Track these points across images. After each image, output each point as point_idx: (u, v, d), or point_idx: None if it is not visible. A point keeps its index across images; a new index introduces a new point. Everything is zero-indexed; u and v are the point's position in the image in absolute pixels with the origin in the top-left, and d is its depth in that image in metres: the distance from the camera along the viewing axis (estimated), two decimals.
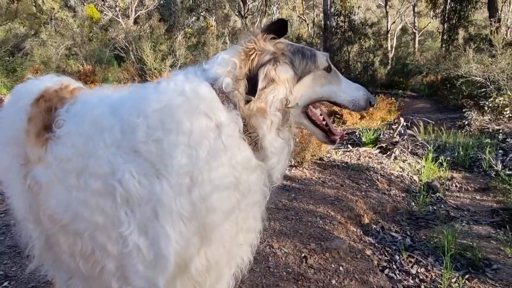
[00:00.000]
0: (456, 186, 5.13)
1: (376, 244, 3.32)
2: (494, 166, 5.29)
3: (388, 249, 3.26)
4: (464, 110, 9.37)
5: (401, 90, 18.70)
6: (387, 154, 5.81)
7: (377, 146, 6.01)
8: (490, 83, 9.52)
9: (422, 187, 4.85)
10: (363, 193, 4.31)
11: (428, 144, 6.26)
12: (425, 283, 2.78)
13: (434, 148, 6.09)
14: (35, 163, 1.37)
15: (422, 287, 2.75)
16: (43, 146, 1.34)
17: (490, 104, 9.02)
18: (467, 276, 2.84)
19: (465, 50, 10.84)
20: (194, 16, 22.71)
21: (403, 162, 5.68)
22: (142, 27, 16.20)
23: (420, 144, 6.52)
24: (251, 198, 1.29)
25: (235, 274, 1.41)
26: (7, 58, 12.89)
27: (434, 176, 5.33)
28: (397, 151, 5.81)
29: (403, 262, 3.05)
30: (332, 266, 2.64)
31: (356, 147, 6.06)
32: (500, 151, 6.10)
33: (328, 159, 5.34)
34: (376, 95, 12.24)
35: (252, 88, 1.24)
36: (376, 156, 5.77)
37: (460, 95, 11.42)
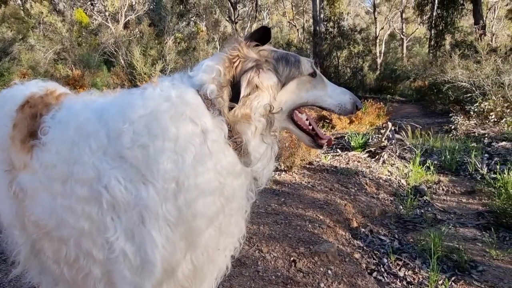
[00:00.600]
0: (443, 189, 5.20)
1: (364, 247, 3.35)
2: (479, 169, 5.39)
3: (377, 252, 3.29)
4: (451, 115, 9.54)
5: (389, 95, 18.99)
6: (376, 158, 5.87)
7: (365, 150, 6.07)
8: (476, 89, 9.72)
9: (410, 190, 4.91)
10: (352, 197, 4.34)
11: (416, 148, 6.34)
12: (412, 286, 2.81)
13: (421, 152, 6.17)
14: (20, 169, 1.36)
15: None
16: (29, 152, 1.33)
17: (476, 109, 9.22)
18: (453, 278, 2.88)
19: (451, 56, 11.05)
20: (185, 21, 22.71)
21: (391, 166, 5.74)
22: (132, 32, 16.16)
23: (408, 148, 6.60)
24: (235, 203, 1.30)
25: (217, 278, 1.42)
26: None
27: (421, 180, 5.41)
28: (385, 155, 5.88)
29: (391, 265, 3.08)
30: (321, 269, 2.65)
31: (345, 151, 6.12)
32: (486, 155, 6.21)
33: (318, 164, 5.38)
34: (365, 100, 12.39)
35: (235, 95, 1.25)
36: (364, 160, 5.83)
37: (447, 100, 11.63)
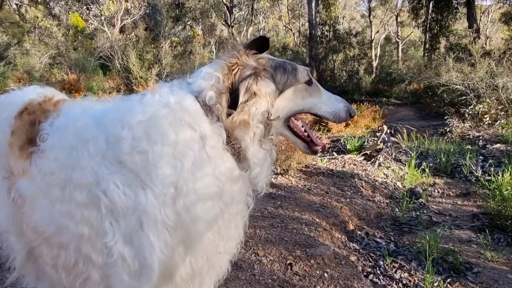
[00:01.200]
0: (438, 191, 5.24)
1: (360, 250, 3.37)
2: (474, 172, 5.44)
3: (373, 254, 3.31)
4: (446, 117, 9.61)
5: (385, 98, 19.08)
6: (372, 161, 5.91)
7: (361, 153, 6.11)
8: (470, 91, 9.80)
9: (406, 193, 4.94)
10: (348, 199, 4.37)
11: (411, 151, 6.39)
12: None
13: (417, 155, 6.22)
14: (18, 176, 1.37)
15: None
16: (27, 159, 1.34)
17: (470, 112, 9.31)
18: (449, 280, 2.90)
19: (445, 59, 11.14)
20: (181, 25, 22.78)
21: (387, 168, 5.78)
22: (128, 36, 16.17)
23: (404, 151, 6.65)
24: (233, 208, 1.32)
25: (215, 282, 1.43)
26: None
27: (417, 182, 5.45)
28: (381, 158, 5.92)
29: (387, 267, 3.10)
30: (317, 272, 2.67)
31: (341, 154, 6.15)
32: (480, 157, 6.27)
33: (314, 167, 5.41)
34: (361, 103, 12.48)
35: (234, 102, 1.28)
36: (360, 163, 5.87)
37: (442, 103, 11.71)
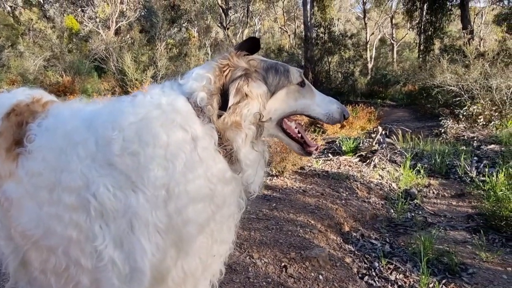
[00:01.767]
0: (433, 192, 5.25)
1: (356, 251, 3.35)
2: (469, 172, 5.46)
3: (368, 256, 3.30)
4: (441, 119, 9.66)
5: (380, 100, 19.16)
6: (367, 162, 5.91)
7: (357, 155, 6.11)
8: (464, 92, 9.86)
9: (401, 194, 4.95)
10: (343, 201, 4.36)
11: (406, 152, 6.40)
12: None
13: (412, 156, 6.24)
14: (5, 178, 1.35)
15: None
16: (14, 161, 1.32)
17: (465, 113, 9.37)
18: (444, 281, 2.89)
19: (439, 60, 11.21)
20: (176, 27, 22.77)
21: (382, 170, 5.79)
22: (123, 38, 16.13)
23: (399, 152, 6.66)
24: (226, 210, 1.31)
25: (210, 285, 1.42)
26: None
27: (412, 183, 5.46)
28: (376, 159, 5.92)
29: (382, 269, 3.09)
30: (312, 274, 2.66)
31: (336, 156, 6.15)
32: (475, 158, 6.30)
33: (309, 168, 5.40)
34: (356, 104, 12.51)
35: (225, 103, 1.27)
36: (356, 164, 5.87)
37: (437, 104, 11.78)
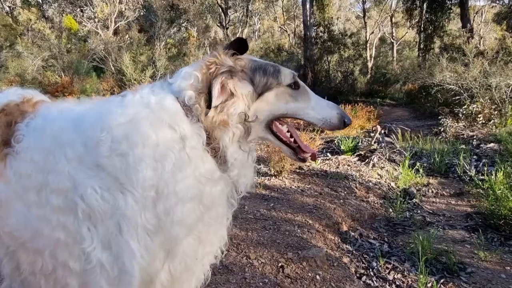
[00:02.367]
0: (432, 191, 5.23)
1: (354, 251, 3.33)
2: (468, 171, 5.43)
3: (366, 256, 3.28)
4: (440, 117, 9.63)
5: (380, 99, 19.12)
6: (366, 161, 5.89)
7: (355, 154, 6.09)
8: (464, 91, 9.83)
9: (400, 193, 4.93)
10: (342, 200, 4.34)
11: (405, 151, 6.38)
12: None
13: (411, 155, 6.21)
14: None
15: None
16: (2, 161, 1.31)
17: (464, 111, 9.33)
18: (442, 280, 2.87)
19: (439, 59, 11.18)
20: (176, 27, 22.74)
21: (381, 169, 5.76)
22: (122, 38, 16.11)
23: (398, 151, 6.63)
24: (214, 211, 1.29)
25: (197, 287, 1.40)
26: None
27: (411, 182, 5.43)
28: (375, 159, 5.90)
29: (380, 268, 3.07)
30: (309, 274, 2.64)
31: (335, 155, 6.13)
32: (474, 157, 6.27)
33: (307, 168, 5.38)
34: (356, 103, 12.50)
35: (210, 101, 1.25)
36: (354, 163, 5.85)
37: (436, 103, 11.75)
